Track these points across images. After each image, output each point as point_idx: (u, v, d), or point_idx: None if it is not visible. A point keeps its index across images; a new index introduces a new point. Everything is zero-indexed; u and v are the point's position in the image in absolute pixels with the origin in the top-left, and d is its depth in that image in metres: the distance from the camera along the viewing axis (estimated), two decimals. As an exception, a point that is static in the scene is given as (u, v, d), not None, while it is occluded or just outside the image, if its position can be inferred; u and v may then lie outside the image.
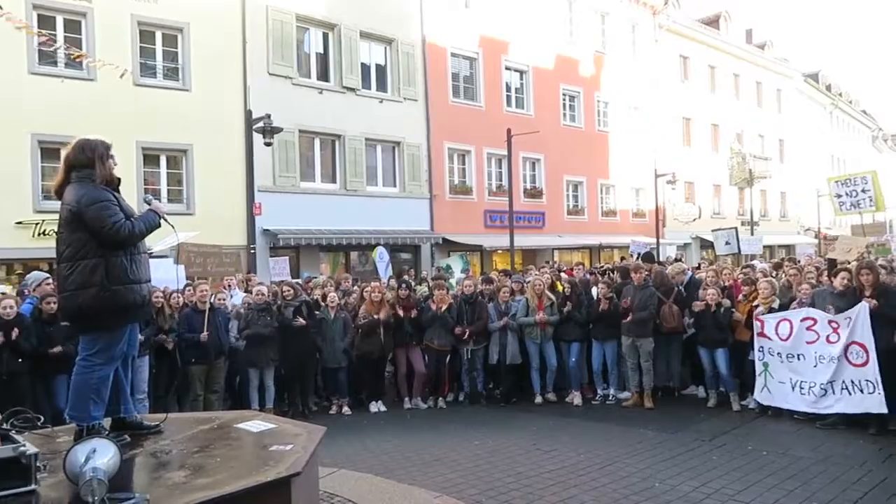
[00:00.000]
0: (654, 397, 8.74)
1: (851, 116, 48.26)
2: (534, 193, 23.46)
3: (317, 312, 9.03)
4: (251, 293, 9.18)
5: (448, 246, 20.11)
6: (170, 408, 7.63)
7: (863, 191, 10.83)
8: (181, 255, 9.06)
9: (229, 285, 9.95)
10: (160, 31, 15.42)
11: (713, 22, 34.36)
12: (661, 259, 18.25)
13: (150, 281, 3.91)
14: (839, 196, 10.91)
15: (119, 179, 3.85)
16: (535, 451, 6.85)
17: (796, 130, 38.81)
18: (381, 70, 19.53)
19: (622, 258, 19.78)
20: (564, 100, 24.94)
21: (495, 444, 7.16)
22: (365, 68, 19.05)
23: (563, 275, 11.65)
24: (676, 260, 15.35)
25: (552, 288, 9.55)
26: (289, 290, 9.13)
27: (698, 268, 13.16)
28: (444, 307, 9.15)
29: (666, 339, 8.85)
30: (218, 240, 12.60)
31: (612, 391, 9.13)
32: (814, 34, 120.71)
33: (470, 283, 9.78)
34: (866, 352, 7.04)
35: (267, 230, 16.26)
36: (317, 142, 18.10)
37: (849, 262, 8.66)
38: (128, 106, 14.16)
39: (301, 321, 8.63)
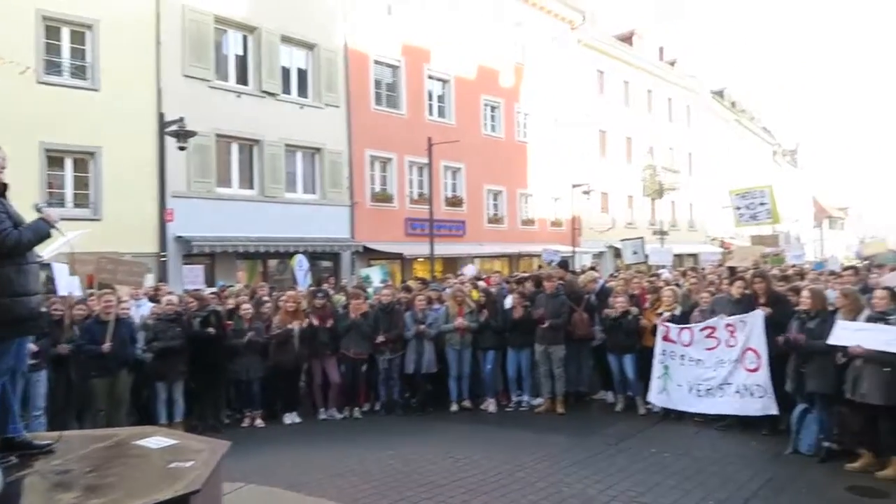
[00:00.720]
0: (565, 403, 9.00)
1: (753, 132, 51.21)
2: (454, 202, 23.71)
3: (229, 322, 8.81)
4: (160, 303, 8.85)
5: (369, 254, 20.02)
6: (69, 424, 7.25)
7: (761, 203, 11.49)
8: (77, 263, 8.63)
9: (136, 295, 9.54)
10: (67, 28, 14.66)
11: (627, 39, 35.78)
12: (576, 267, 18.86)
13: (40, 293, 3.73)
14: (739, 208, 11.54)
15: (6, 185, 3.65)
16: (448, 459, 6.93)
17: (704, 144, 40.87)
18: (302, 75, 19.27)
19: (539, 266, 20.29)
20: (486, 110, 25.36)
21: (409, 454, 7.19)
22: (286, 72, 18.76)
23: (480, 283, 11.84)
24: (591, 268, 15.90)
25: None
26: (193, 302, 8.85)
27: (613, 276, 13.63)
28: (358, 315, 9.11)
29: (577, 346, 9.13)
30: (127, 247, 12.09)
31: (525, 398, 9.34)
32: (720, 53, 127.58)
33: (387, 292, 9.77)
34: (759, 358, 7.50)
35: (180, 237, 15.71)
36: (234, 146, 17.66)
37: (745, 270, 9.20)
38: (30, 105, 13.38)
39: (211, 331, 8.40)
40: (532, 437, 7.85)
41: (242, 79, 17.84)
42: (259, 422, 8.76)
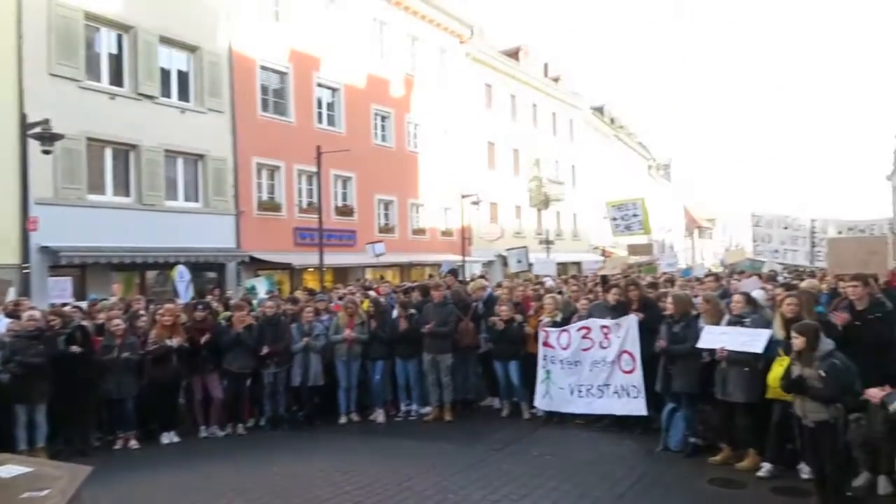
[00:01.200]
0: (453, 411, 9.12)
1: (631, 147, 54.30)
2: (345, 211, 23.49)
3: (98, 338, 8.25)
4: (20, 319, 8.14)
5: (256, 264, 19.42)
6: None
7: (634, 215, 12.15)
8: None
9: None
10: (-90, 18, 13.29)
11: (514, 54, 36.95)
12: (466, 277, 19.19)
13: None
14: (615, 219, 12.16)
15: None
16: (335, 472, 6.83)
17: (586, 157, 42.86)
18: (183, 78, 18.45)
19: (430, 275, 20.46)
20: (376, 119, 25.34)
21: (295, 469, 7.04)
22: (165, 75, 17.88)
23: (370, 293, 11.79)
24: (481, 277, 16.21)
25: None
26: (55, 319, 8.21)
27: (500, 285, 13.95)
28: (243, 328, 8.82)
29: (464, 355, 9.28)
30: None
31: (414, 407, 9.38)
32: (601, 71, 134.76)
33: (271, 303, 9.51)
34: (634, 360, 7.95)
35: (46, 247, 14.54)
36: (108, 151, 16.59)
37: (615, 277, 9.70)
38: None
39: (75, 349, 7.82)
40: (420, 446, 7.90)
41: (117, 80, 16.83)
42: (133, 443, 8.24)
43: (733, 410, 6.52)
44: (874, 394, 5.03)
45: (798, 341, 5.33)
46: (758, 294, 8.23)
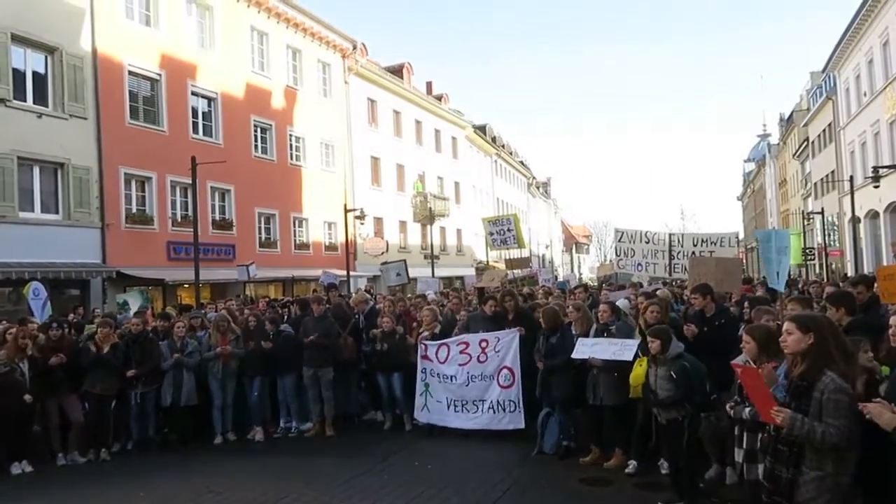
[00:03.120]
0: (335, 425, 8.98)
1: (512, 165, 56.16)
2: (223, 225, 22.63)
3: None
4: None
5: (124, 280, 18.24)
6: None
7: (508, 230, 12.62)
8: None
9: None
10: None
11: (398, 71, 37.27)
12: (351, 291, 19.02)
13: None
14: (492, 234, 12.59)
15: None
16: (207, 494, 6.55)
17: (469, 174, 43.83)
18: (40, 80, 17.11)
19: (314, 290, 20.09)
20: (256, 131, 24.64)
21: (165, 494, 6.68)
22: (19, 76, 16.50)
23: (247, 309, 11.43)
24: (366, 290, 16.13)
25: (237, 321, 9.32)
26: None
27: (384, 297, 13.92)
28: (106, 348, 8.27)
29: (345, 368, 9.19)
30: None
31: (294, 423, 9.15)
32: (483, 91, 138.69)
33: (136, 320, 8.99)
34: (513, 375, 8.14)
35: None
36: (-49, 157, 15.10)
37: (495, 290, 10.00)
38: None
39: None
40: (301, 462, 7.73)
41: (-38, 80, 15.39)
42: (-24, 476, 7.48)
43: (602, 413, 6.89)
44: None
45: (654, 345, 5.72)
46: (622, 303, 8.75)
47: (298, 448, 8.49)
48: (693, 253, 10.64)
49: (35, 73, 17.03)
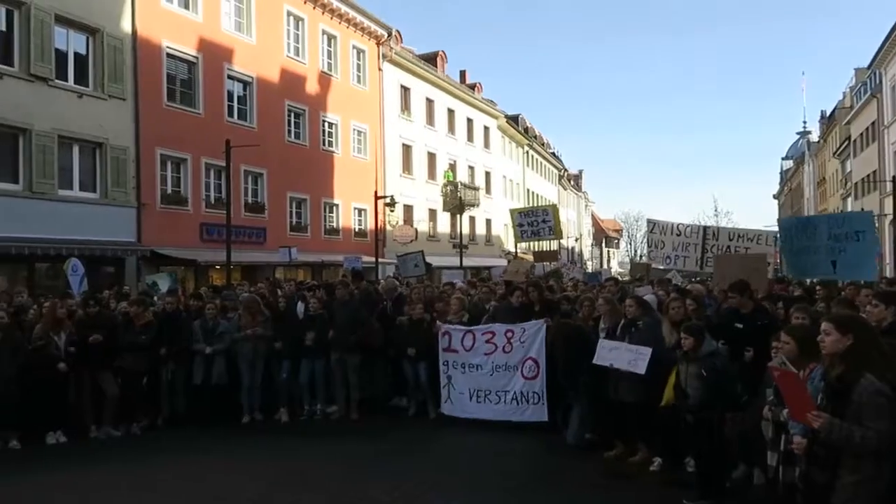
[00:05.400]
0: (359, 409, 9.05)
1: (544, 157, 55.77)
2: (255, 208, 22.89)
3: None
4: None
5: (158, 260, 18.58)
6: None
7: (543, 221, 12.52)
8: None
9: None
10: None
11: (432, 59, 37.14)
12: (379, 278, 19.09)
13: None
14: (521, 225, 12.49)
15: None
16: (234, 471, 6.66)
17: (500, 165, 43.64)
18: (81, 61, 17.43)
19: (343, 275, 20.20)
20: (289, 116, 24.82)
21: (193, 469, 6.82)
22: (61, 56, 16.84)
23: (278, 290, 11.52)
24: (394, 278, 16.14)
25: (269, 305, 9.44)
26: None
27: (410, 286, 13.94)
28: (141, 325, 8.43)
29: (371, 353, 9.22)
30: None
31: (319, 406, 9.24)
32: (516, 81, 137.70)
33: (171, 299, 9.14)
34: (538, 366, 8.09)
35: (-82, 235, 13.41)
36: (-7, 134, 15.48)
37: (521, 282, 9.94)
38: None
39: None
40: (324, 444, 7.82)
41: (6, 59, 15.73)
42: (14, 443, 7.69)
43: (626, 408, 6.81)
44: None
45: (687, 342, 5.63)
46: (650, 298, 8.63)
47: (323, 430, 8.57)
48: (728, 248, 10.43)
49: (76, 54, 17.35)
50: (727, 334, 6.51)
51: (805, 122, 65.70)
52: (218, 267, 19.96)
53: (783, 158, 72.65)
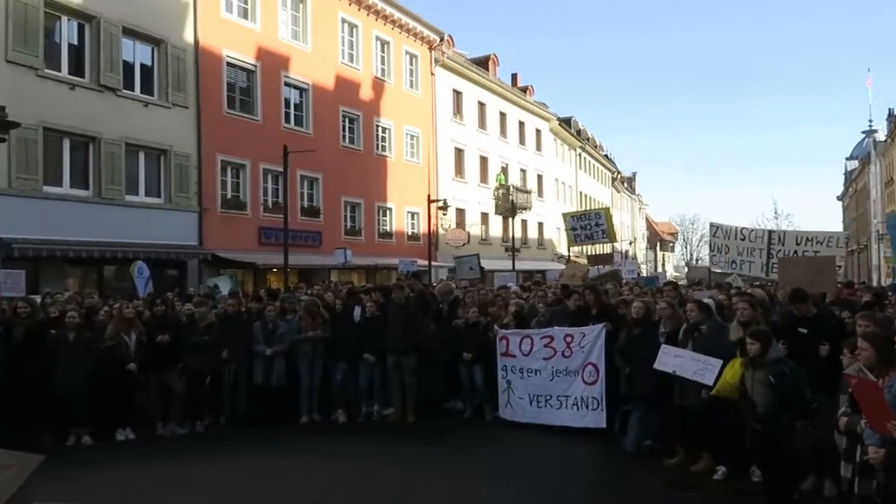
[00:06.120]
0: (416, 412, 9.09)
1: (596, 159, 55.08)
2: (311, 212, 23.31)
3: (52, 331, 8.02)
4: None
5: (218, 263, 19.12)
6: None
7: (596, 224, 12.38)
8: None
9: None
10: None
11: (483, 63, 37.17)
12: (432, 282, 19.18)
13: None
14: (574, 229, 12.36)
15: None
16: (294, 470, 6.77)
17: (552, 168, 43.30)
18: (146, 71, 18.11)
19: (398, 279, 20.39)
20: (344, 121, 25.21)
21: (255, 467, 6.94)
22: (128, 67, 17.53)
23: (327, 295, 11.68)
24: (448, 281, 16.17)
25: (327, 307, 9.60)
26: (24, 306, 8.02)
27: (464, 289, 13.96)
28: (204, 326, 8.68)
29: (427, 356, 9.25)
30: (-71, 248, 10.67)
31: (376, 408, 9.32)
32: (569, 83, 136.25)
33: (233, 301, 9.38)
34: (597, 371, 7.98)
35: (-2, 238, 14.11)
36: (66, 142, 16.19)
37: (578, 286, 9.83)
38: None
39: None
40: (381, 446, 7.87)
41: (77, 70, 16.46)
42: (87, 439, 8.02)
43: (689, 414, 6.64)
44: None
45: (754, 347, 5.46)
46: (710, 302, 8.39)
47: (380, 432, 8.64)
48: (795, 252, 10.06)
49: (142, 65, 18.02)
50: (791, 340, 6.29)
51: (871, 121, 62.84)
52: (275, 270, 20.40)
53: (847, 158, 69.73)
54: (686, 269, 51.79)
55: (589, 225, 12.15)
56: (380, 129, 27.09)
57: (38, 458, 3.37)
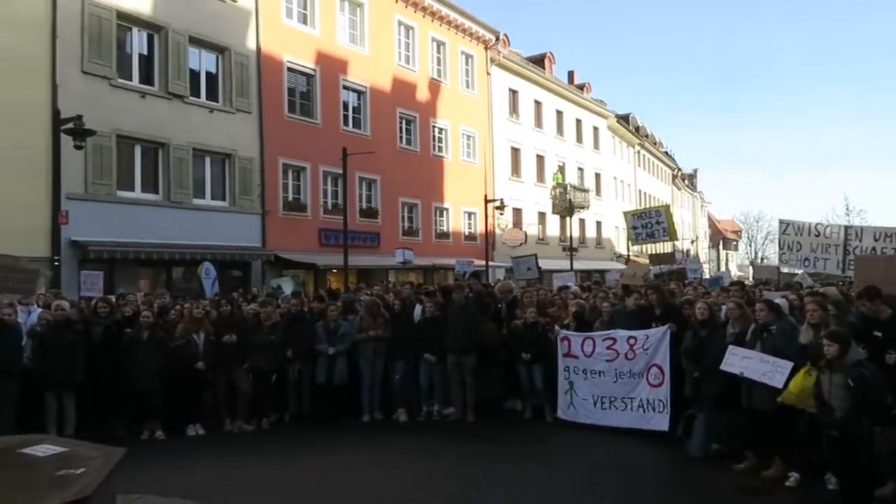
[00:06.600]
0: (476, 411, 9.09)
1: (656, 156, 53.93)
2: (369, 213, 23.62)
3: (127, 330, 8.38)
4: (51, 309, 8.32)
5: (280, 263, 19.59)
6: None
7: (657, 223, 12.09)
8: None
9: (24, 301, 8.89)
10: (-50, 17, 13.65)
11: (539, 61, 36.90)
12: (490, 282, 19.15)
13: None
14: (635, 227, 12.10)
15: None
16: (356, 468, 6.87)
17: (610, 166, 42.63)
18: (211, 78, 18.72)
19: (455, 279, 20.45)
20: (401, 123, 25.45)
21: (318, 464, 7.09)
22: (194, 75, 18.16)
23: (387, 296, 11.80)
24: (507, 280, 16.10)
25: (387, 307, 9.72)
26: (104, 306, 8.43)
27: (523, 288, 13.87)
28: (269, 325, 8.91)
29: (487, 356, 9.25)
30: (14, 251, 11.27)
31: (436, 407, 9.37)
32: (627, 80, 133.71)
33: (296, 302, 9.61)
34: (662, 374, 7.83)
35: (76, 241, 14.85)
36: (137, 148, 16.89)
37: (640, 286, 9.63)
38: None
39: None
40: (442, 445, 7.89)
41: (147, 79, 17.15)
42: (160, 434, 8.35)
43: (759, 418, 6.43)
44: None
45: (832, 349, 5.24)
46: (782, 302, 8.10)
47: (441, 431, 8.67)
48: (872, 249, 9.60)
49: (208, 72, 18.63)
50: (866, 342, 6.00)
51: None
52: (335, 270, 20.76)
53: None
54: (750, 269, 50.08)
55: (650, 223, 11.88)
56: (436, 129, 27.23)
57: (120, 451, 3.55)
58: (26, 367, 7.73)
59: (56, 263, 13.56)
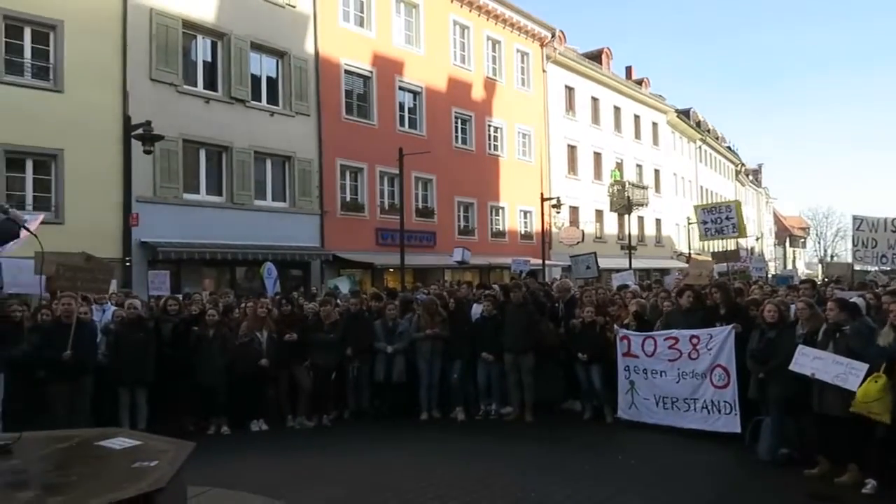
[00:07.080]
0: (534, 411, 9.02)
1: (718, 152, 52.39)
2: (425, 213, 23.75)
3: (194, 328, 8.66)
4: (123, 307, 8.68)
5: (339, 263, 19.91)
6: (27, 429, 7.02)
7: (727, 218, 11.67)
8: (44, 265, 8.33)
9: (98, 299, 9.31)
10: (29, 27, 14.39)
11: (596, 57, 36.37)
12: (546, 280, 18.99)
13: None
14: (705, 223, 11.70)
15: None
16: (417, 465, 6.90)
17: (670, 162, 41.64)
18: (272, 82, 19.18)
19: (512, 278, 20.36)
20: (457, 122, 25.50)
21: (379, 461, 7.15)
22: (255, 80, 18.65)
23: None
24: (565, 279, 15.94)
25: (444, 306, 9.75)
26: (174, 304, 8.74)
27: (581, 288, 13.68)
28: (328, 324, 9.06)
29: (545, 355, 9.16)
30: (88, 252, 11.81)
31: (494, 406, 9.34)
32: (687, 73, 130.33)
33: (355, 300, 9.74)
34: (728, 375, 7.59)
35: (145, 242, 15.46)
36: (202, 152, 17.46)
37: (704, 285, 9.36)
38: (-11, 105, 13.11)
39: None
40: (501, 445, 7.85)
41: (211, 85, 17.71)
42: (225, 429, 8.61)
43: (832, 422, 6.15)
44: None
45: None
46: (859, 301, 7.74)
47: (498, 431, 8.63)
48: (955, 245, 9.08)
49: (268, 77, 19.10)
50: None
51: None
52: (392, 270, 20.96)
53: None
54: (819, 266, 48.20)
55: (719, 218, 11.45)
56: (492, 128, 27.16)
57: (190, 445, 3.65)
58: (101, 363, 8.08)
59: (128, 264, 14.14)
